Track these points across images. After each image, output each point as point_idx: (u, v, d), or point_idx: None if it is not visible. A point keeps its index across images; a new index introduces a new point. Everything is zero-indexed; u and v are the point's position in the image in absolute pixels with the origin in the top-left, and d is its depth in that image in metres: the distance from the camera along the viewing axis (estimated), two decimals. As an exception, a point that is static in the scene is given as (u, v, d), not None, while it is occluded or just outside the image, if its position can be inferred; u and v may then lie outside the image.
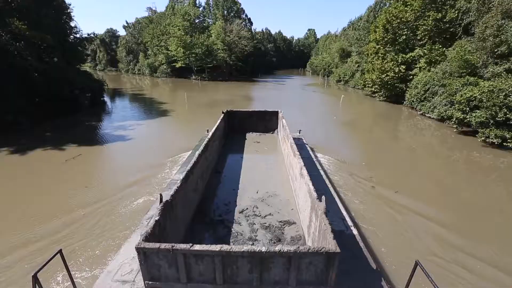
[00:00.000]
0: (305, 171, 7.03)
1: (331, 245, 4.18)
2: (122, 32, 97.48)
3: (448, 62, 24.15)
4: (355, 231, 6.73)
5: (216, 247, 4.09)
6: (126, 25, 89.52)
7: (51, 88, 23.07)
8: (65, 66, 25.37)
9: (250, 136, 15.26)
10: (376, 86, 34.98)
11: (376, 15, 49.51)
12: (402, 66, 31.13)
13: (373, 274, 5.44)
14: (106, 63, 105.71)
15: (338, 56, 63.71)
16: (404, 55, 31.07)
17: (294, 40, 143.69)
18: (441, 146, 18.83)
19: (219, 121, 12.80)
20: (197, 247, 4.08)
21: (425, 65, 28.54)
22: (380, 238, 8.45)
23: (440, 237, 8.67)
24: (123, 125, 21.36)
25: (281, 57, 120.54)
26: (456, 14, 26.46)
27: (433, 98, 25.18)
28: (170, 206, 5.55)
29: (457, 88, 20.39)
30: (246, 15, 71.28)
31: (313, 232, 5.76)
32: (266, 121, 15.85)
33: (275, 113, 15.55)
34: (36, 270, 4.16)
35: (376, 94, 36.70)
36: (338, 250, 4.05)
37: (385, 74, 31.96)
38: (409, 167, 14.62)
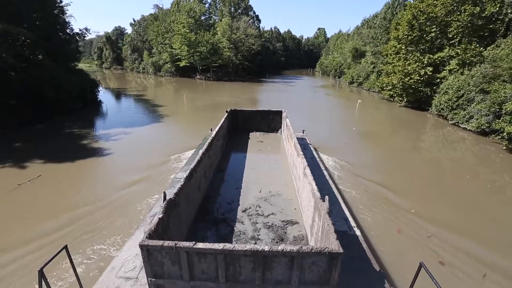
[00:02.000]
0: (308, 171, 6.91)
1: (334, 245, 4.10)
2: (130, 30, 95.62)
3: (489, 64, 20.48)
4: (358, 232, 6.66)
5: (219, 246, 4.01)
6: (133, 22, 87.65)
7: (31, 89, 20.54)
8: (50, 64, 22.80)
9: (254, 136, 15.12)
10: (396, 90, 31.32)
11: (395, 12, 45.75)
12: (429, 68, 27.46)
13: (376, 275, 5.36)
14: (112, 61, 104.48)
15: (350, 56, 59.89)
16: (431, 56, 27.38)
17: (304, 40, 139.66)
18: (484, 165, 15.33)
19: (222, 120, 12.62)
20: (200, 245, 4.02)
21: (457, 67, 24.84)
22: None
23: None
24: (107, 134, 18.53)
25: (290, 56, 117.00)
26: (497, 8, 22.70)
27: (468, 105, 21.57)
28: (174, 204, 5.50)
29: (506, 96, 16.81)
30: (254, 12, 68.18)
31: (316, 232, 5.66)
32: (270, 121, 15.77)
33: (279, 113, 15.38)
34: (42, 265, 4.06)
35: (396, 99, 33.06)
36: (341, 250, 3.94)
37: (409, 77, 28.33)
38: (444, 191, 11.65)
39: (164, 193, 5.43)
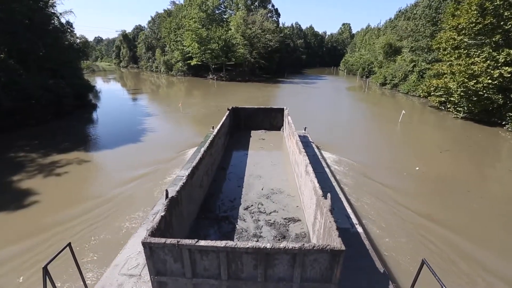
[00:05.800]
0: (310, 168, 6.73)
1: (336, 242, 4.04)
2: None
3: None
4: (360, 229, 6.49)
5: (221, 243, 3.96)
6: (150, 20, 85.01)
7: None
8: (12, 65, 18.50)
9: (256, 133, 14.99)
10: (454, 96, 24.02)
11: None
12: (505, 68, 20.05)
13: (378, 272, 5.23)
14: (129, 60, 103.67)
15: (382, 53, 51.92)
16: (510, 51, 19.94)
17: (327, 36, 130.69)
18: None
19: (224, 118, 12.44)
20: (202, 242, 3.97)
21: (557, 67, 17.38)
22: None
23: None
24: (58, 161, 13.29)
25: (312, 54, 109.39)
26: None
27: None
28: (176, 202, 5.40)
29: None
30: (273, 6, 61.97)
31: (318, 229, 5.56)
32: (272, 118, 15.58)
33: (281, 110, 15.28)
34: (46, 262, 4.13)
35: (450, 108, 25.68)
36: (343, 247, 3.88)
37: (475, 80, 21.07)
38: None
39: (166, 191, 5.28)
